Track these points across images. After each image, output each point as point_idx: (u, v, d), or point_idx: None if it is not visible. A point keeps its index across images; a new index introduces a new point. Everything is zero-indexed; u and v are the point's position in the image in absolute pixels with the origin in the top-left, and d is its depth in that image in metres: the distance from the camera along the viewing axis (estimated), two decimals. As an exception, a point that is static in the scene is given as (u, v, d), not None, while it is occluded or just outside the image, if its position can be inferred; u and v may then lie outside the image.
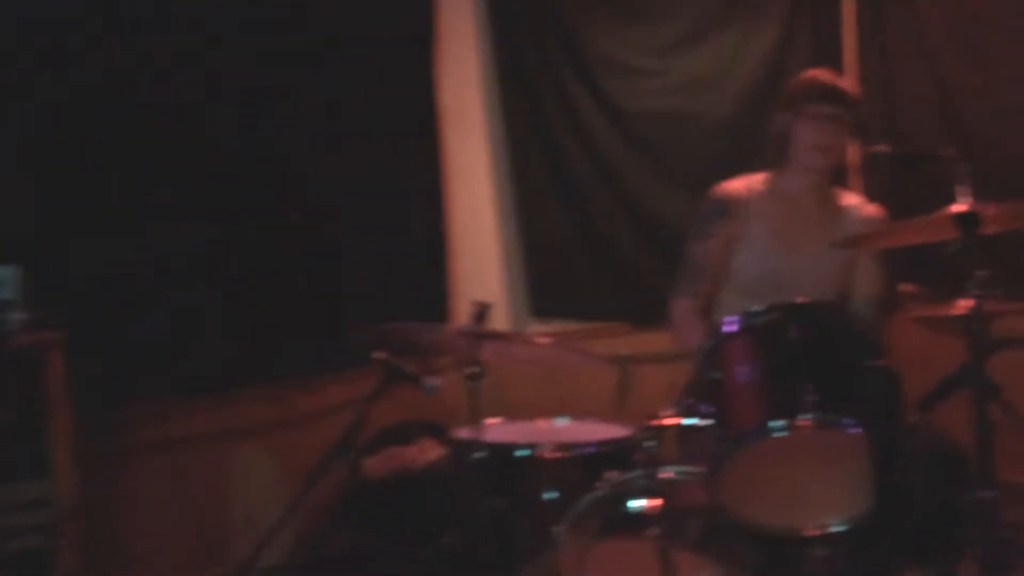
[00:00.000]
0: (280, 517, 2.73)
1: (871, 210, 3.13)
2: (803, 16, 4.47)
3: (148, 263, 3.51)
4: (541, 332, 4.33)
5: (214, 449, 3.69)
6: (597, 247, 4.49)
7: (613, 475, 2.56)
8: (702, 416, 2.43)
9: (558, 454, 2.77)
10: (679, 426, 2.47)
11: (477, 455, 2.72)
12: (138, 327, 3.49)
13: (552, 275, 4.48)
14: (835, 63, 4.33)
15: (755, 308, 2.42)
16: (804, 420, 2.25)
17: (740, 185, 3.13)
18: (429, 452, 3.85)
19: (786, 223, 3.07)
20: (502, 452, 2.79)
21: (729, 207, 3.08)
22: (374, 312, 3.80)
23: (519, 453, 2.78)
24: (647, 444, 2.50)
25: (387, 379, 2.89)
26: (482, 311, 2.74)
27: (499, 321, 4.27)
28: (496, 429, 3.02)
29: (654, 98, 4.47)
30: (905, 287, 4.11)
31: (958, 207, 2.47)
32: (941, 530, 2.61)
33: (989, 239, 2.57)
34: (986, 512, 2.39)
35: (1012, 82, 3.87)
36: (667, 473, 2.49)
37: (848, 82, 3.14)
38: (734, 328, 2.43)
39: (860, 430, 2.27)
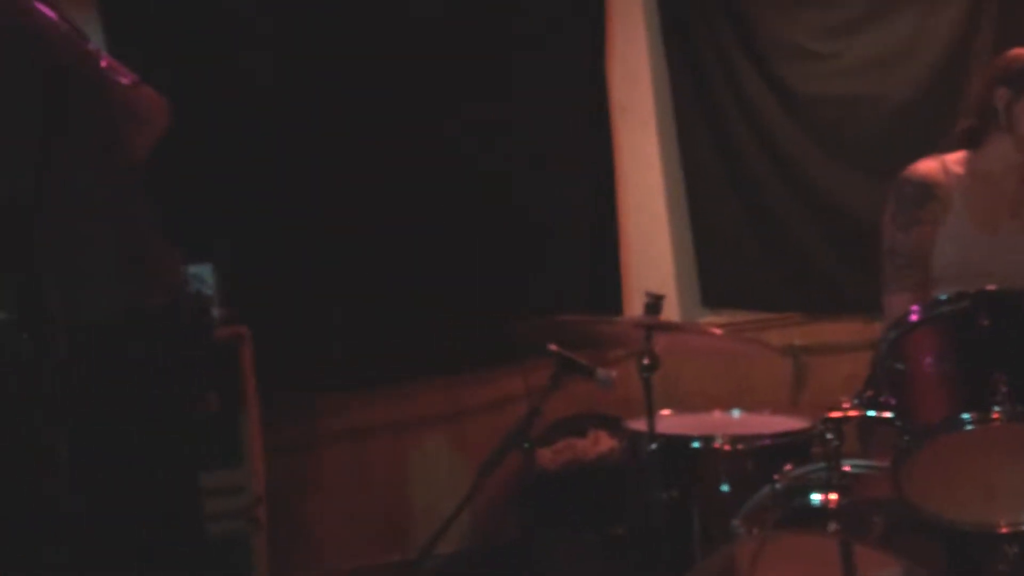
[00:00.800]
0: (457, 506, 2.82)
1: None
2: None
3: (333, 261, 3.67)
4: (713, 323, 4.32)
5: (394, 439, 3.84)
6: (770, 235, 4.44)
7: (791, 468, 2.54)
8: (885, 408, 2.37)
9: (733, 446, 2.77)
10: (861, 418, 2.43)
11: (651, 447, 2.73)
12: (320, 322, 3.66)
13: (724, 265, 4.45)
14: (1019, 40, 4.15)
15: (942, 296, 2.35)
16: (995, 412, 2.17)
17: (935, 166, 2.99)
18: (602, 444, 3.90)
19: (989, 207, 2.95)
20: (676, 444, 2.80)
21: (932, 189, 2.96)
22: (551, 303, 3.91)
23: (693, 445, 2.79)
24: (828, 436, 2.47)
25: (561, 371, 2.93)
26: (656, 302, 2.75)
27: (671, 312, 4.29)
28: (669, 421, 3.04)
29: (830, 81, 4.39)
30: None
31: None
32: None
33: None
34: None
35: None
36: (848, 467, 2.45)
37: None
38: (919, 317, 2.36)
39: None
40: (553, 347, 2.91)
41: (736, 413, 3.14)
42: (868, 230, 3.13)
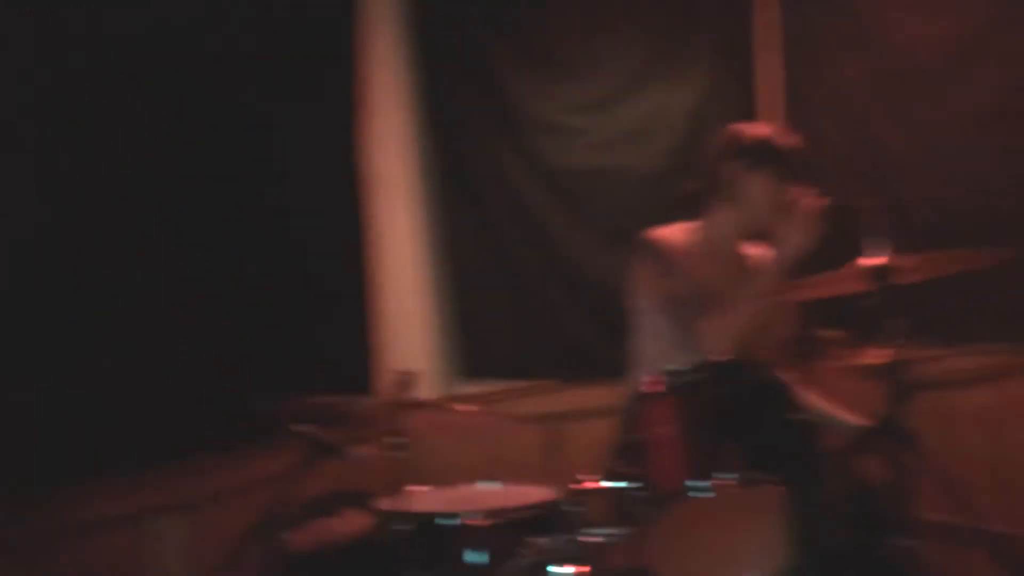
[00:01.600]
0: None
1: None
2: (723, 70, 4.58)
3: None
4: (471, 393, 4.36)
5: (129, 532, 3.61)
6: (526, 306, 4.54)
7: (537, 540, 2.59)
8: (627, 478, 2.46)
9: (484, 521, 2.79)
10: (604, 489, 2.51)
11: (401, 527, 2.72)
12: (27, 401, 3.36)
13: (480, 336, 4.52)
14: (752, 115, 4.45)
15: (677, 368, 2.47)
16: (727, 479, 2.30)
17: (669, 235, 3.13)
18: (355, 523, 3.83)
19: (712, 276, 3.10)
20: (427, 522, 2.80)
21: (669, 253, 3.08)
22: (302, 380, 3.82)
23: (444, 522, 2.79)
24: (571, 508, 2.53)
25: (311, 452, 2.88)
26: (406, 380, 2.76)
27: (428, 383, 4.29)
28: (424, 497, 3.03)
29: (582, 155, 4.56)
30: (827, 333, 4.23)
31: (872, 260, 2.55)
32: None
33: (904, 288, 2.67)
34: (906, 559, 2.44)
35: (929, 129, 3.98)
36: (592, 536, 2.51)
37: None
38: (656, 389, 2.47)
39: (780, 485, 2.31)
40: (301, 428, 2.87)
41: (491, 485, 3.17)
42: (619, 299, 3.24)
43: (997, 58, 3.72)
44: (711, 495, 2.32)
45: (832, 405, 3.12)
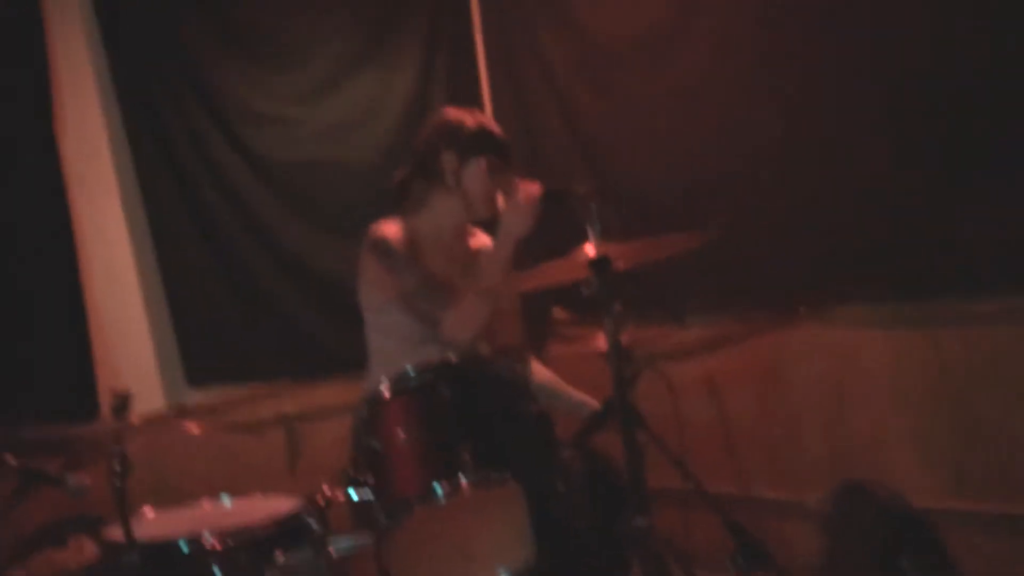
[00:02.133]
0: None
1: None
2: (440, 56, 4.58)
3: None
4: (202, 403, 4.20)
5: None
6: (251, 304, 4.41)
7: (281, 556, 2.53)
8: (365, 486, 2.44)
9: (223, 542, 2.69)
10: (344, 499, 2.48)
11: (129, 557, 2.58)
12: None
13: (206, 339, 4.35)
14: (475, 100, 4.50)
15: (406, 371, 2.46)
16: (462, 481, 2.31)
17: (393, 228, 3.09)
18: (86, 552, 3.62)
19: (441, 268, 3.09)
20: (160, 549, 2.66)
21: (397, 248, 3.04)
22: (17, 407, 3.56)
23: (176, 547, 2.67)
24: (313, 520, 2.49)
25: (25, 483, 2.69)
26: (122, 403, 2.62)
27: (155, 396, 4.11)
28: (154, 521, 2.89)
29: (299, 147, 4.45)
30: (557, 313, 4.36)
31: (588, 251, 2.62)
32: (603, 563, 2.75)
33: (622, 273, 2.77)
34: (640, 538, 2.55)
35: (634, 112, 4.13)
36: (336, 547, 2.48)
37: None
38: (387, 394, 2.45)
39: (516, 481, 2.36)
40: (13, 459, 2.67)
41: (226, 500, 3.06)
42: (346, 291, 3.20)
43: (697, 41, 3.89)
44: (450, 498, 2.33)
45: (567, 386, 3.22)
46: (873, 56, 3.44)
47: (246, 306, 4.40)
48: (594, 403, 3.03)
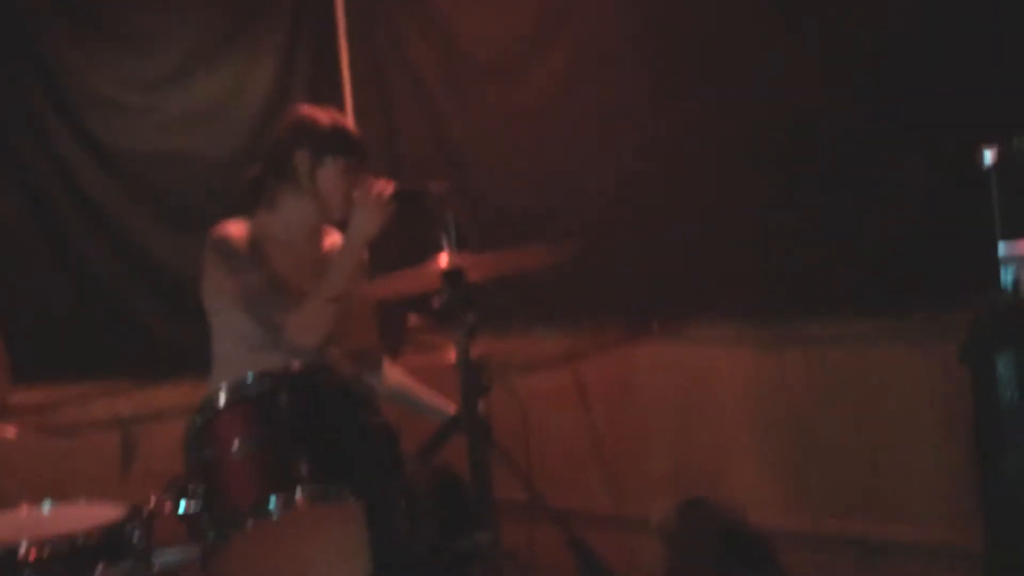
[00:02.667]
0: None
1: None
2: (302, 50, 4.47)
3: None
4: (29, 401, 3.96)
5: None
6: (89, 299, 4.19)
7: (102, 569, 2.38)
8: (195, 497, 2.32)
9: (39, 553, 2.51)
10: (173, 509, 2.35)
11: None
12: None
13: (37, 334, 4.09)
14: (337, 98, 4.39)
15: (247, 377, 2.35)
16: (297, 495, 2.22)
17: (239, 228, 2.98)
18: None
19: (293, 271, 2.99)
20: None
21: (243, 249, 2.93)
22: None
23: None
24: (138, 530, 2.36)
25: None
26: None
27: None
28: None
29: (146, 136, 4.26)
30: (413, 320, 4.29)
31: (445, 257, 2.55)
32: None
33: (475, 283, 2.71)
34: (483, 554, 2.50)
35: (497, 123, 4.10)
36: (162, 560, 2.35)
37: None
38: (222, 401, 2.34)
39: (356, 496, 2.27)
40: None
41: (47, 507, 2.87)
42: (193, 290, 3.06)
43: (559, 55, 3.89)
44: (285, 512, 2.23)
45: (425, 390, 3.15)
46: (729, 78, 3.49)
47: (84, 300, 4.19)
48: (451, 407, 2.97)
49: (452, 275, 2.53)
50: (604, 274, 3.75)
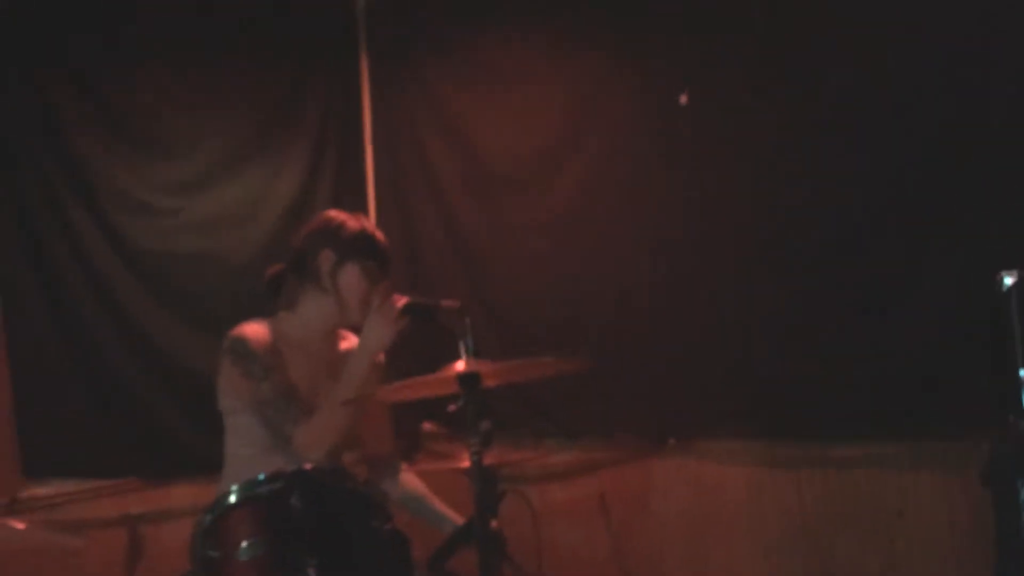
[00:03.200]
0: None
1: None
2: (328, 157, 4.53)
3: None
4: (35, 495, 3.93)
5: None
6: (106, 397, 4.14)
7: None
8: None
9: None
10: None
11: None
12: None
13: (51, 430, 4.06)
14: (360, 204, 4.43)
15: (256, 478, 2.33)
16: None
17: (256, 330, 2.98)
18: None
19: (304, 373, 2.99)
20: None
21: (262, 349, 2.92)
22: None
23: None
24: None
25: None
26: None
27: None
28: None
29: (172, 237, 4.27)
30: (427, 426, 4.26)
31: (457, 367, 2.55)
32: None
33: (491, 391, 2.69)
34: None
35: (517, 232, 4.15)
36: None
37: None
38: (232, 500, 2.31)
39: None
40: None
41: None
42: (210, 390, 3.06)
43: (579, 169, 3.95)
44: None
45: (436, 500, 3.11)
46: (757, 192, 3.53)
47: (101, 398, 4.15)
48: (460, 519, 2.95)
49: (468, 381, 2.51)
50: (621, 385, 3.74)
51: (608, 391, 3.73)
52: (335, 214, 3.10)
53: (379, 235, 3.09)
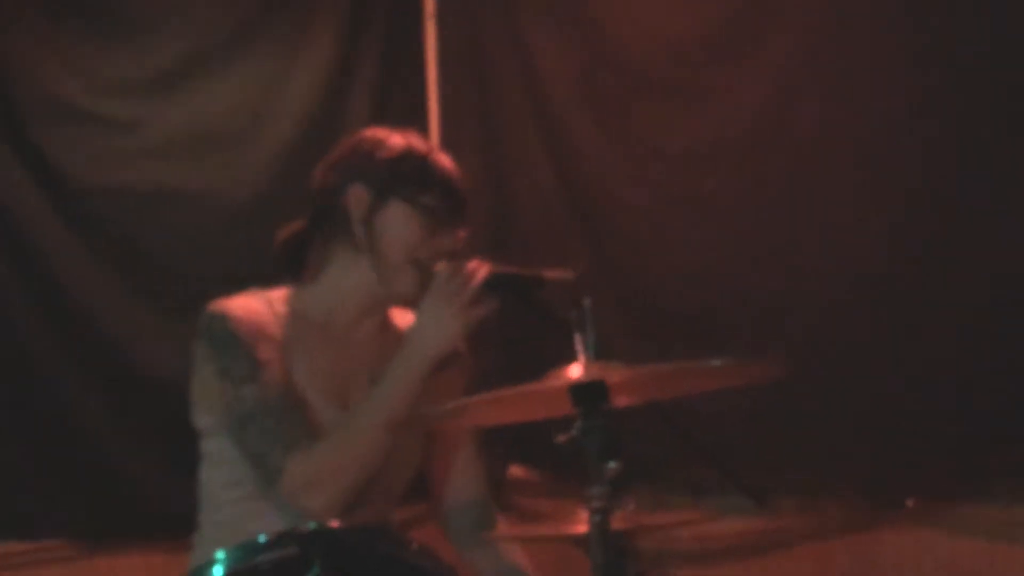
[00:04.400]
0: None
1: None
2: (368, 42, 4.58)
3: None
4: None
5: None
6: (25, 416, 4.27)
7: None
8: None
9: None
10: None
11: None
12: None
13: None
14: (419, 118, 4.46)
15: (254, 540, 2.38)
16: None
17: (253, 309, 3.02)
18: None
19: (335, 368, 3.04)
20: None
21: (261, 333, 2.97)
22: None
23: None
24: None
25: None
26: None
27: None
28: None
29: (128, 164, 4.39)
30: (515, 472, 4.30)
31: (571, 373, 2.55)
32: None
33: (623, 413, 2.70)
34: None
35: (670, 163, 4.17)
36: None
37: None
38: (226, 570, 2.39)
39: None
40: None
41: None
42: (183, 404, 3.09)
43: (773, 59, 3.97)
44: None
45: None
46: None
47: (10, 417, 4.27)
48: None
49: (588, 396, 2.51)
50: (836, 419, 3.77)
51: (815, 426, 3.78)
52: (372, 131, 3.13)
53: (442, 159, 3.09)
